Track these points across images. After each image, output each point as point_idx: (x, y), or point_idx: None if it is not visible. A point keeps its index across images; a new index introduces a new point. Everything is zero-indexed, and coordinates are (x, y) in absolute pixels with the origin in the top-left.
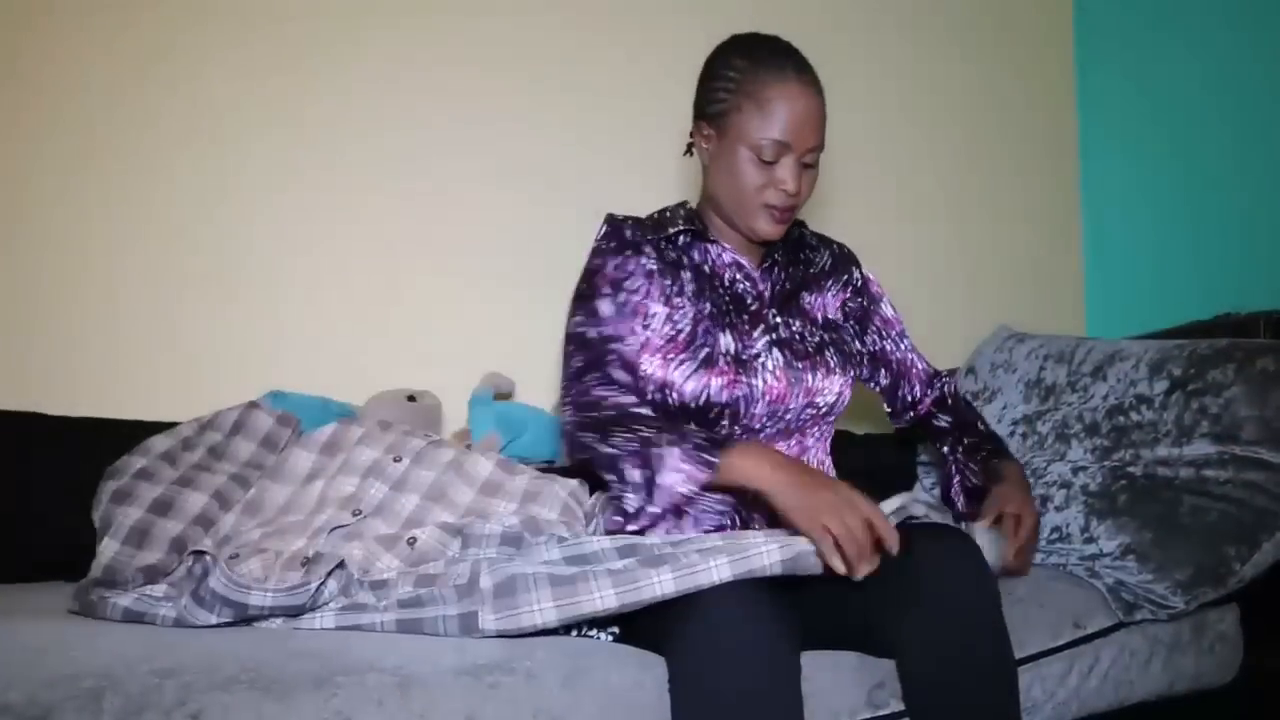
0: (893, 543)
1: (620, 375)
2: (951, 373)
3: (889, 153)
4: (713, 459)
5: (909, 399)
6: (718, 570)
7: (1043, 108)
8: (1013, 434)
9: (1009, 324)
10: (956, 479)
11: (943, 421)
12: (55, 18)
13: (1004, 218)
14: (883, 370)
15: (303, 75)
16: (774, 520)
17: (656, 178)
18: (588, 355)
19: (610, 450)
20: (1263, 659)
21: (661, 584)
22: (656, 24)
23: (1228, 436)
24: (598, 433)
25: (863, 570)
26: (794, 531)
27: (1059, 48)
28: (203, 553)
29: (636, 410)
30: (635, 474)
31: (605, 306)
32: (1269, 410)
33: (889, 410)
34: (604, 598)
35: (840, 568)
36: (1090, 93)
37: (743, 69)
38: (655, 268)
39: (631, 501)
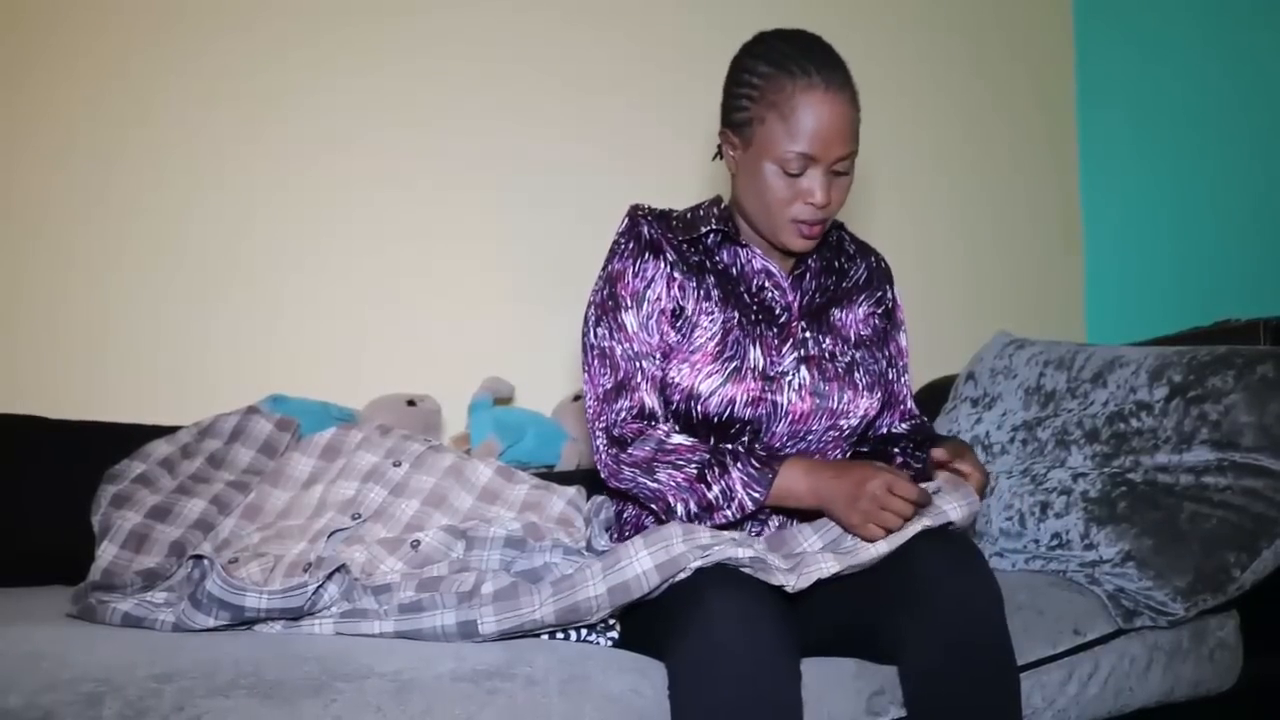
0: (917, 496)
1: (650, 400)
2: (927, 421)
3: (891, 159)
4: (758, 493)
5: (883, 429)
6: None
7: (1044, 115)
8: (1013, 440)
9: (1009, 330)
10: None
11: (901, 428)
12: (41, 17)
13: (1005, 224)
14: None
15: (301, 75)
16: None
17: (665, 179)
18: (616, 374)
19: (656, 485)
20: (1263, 666)
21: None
22: (667, 20)
23: (1228, 443)
24: (640, 468)
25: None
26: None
27: (1060, 55)
28: (201, 557)
29: (673, 442)
30: (681, 508)
31: (630, 320)
32: (1269, 417)
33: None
34: (595, 584)
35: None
36: (1091, 100)
37: (765, 75)
38: (676, 272)
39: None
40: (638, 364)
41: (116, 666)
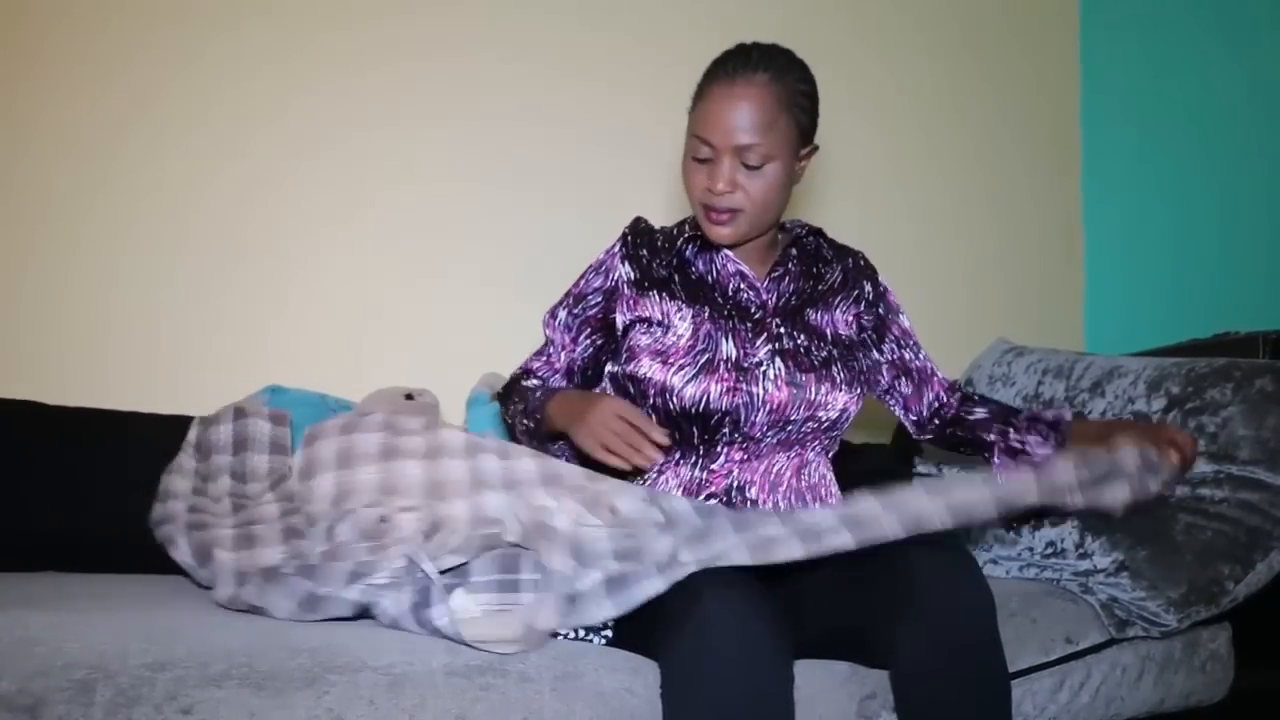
0: (646, 428)
1: (536, 364)
2: (966, 387)
3: (893, 163)
4: (529, 423)
5: (935, 404)
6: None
7: (1047, 123)
8: None
9: (1007, 337)
10: (1023, 452)
11: (980, 414)
12: (46, 5)
13: (1006, 230)
14: (904, 379)
15: (301, 68)
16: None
17: (661, 178)
18: (540, 347)
19: (508, 419)
20: (1254, 678)
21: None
22: (663, 18)
23: (1224, 456)
24: (504, 404)
25: (639, 460)
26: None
27: (1065, 64)
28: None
29: (523, 384)
30: (522, 437)
31: (561, 314)
32: (1265, 430)
33: (914, 420)
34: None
35: (625, 466)
36: (1094, 109)
37: (702, 78)
38: (630, 289)
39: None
40: (546, 346)
41: (109, 654)
